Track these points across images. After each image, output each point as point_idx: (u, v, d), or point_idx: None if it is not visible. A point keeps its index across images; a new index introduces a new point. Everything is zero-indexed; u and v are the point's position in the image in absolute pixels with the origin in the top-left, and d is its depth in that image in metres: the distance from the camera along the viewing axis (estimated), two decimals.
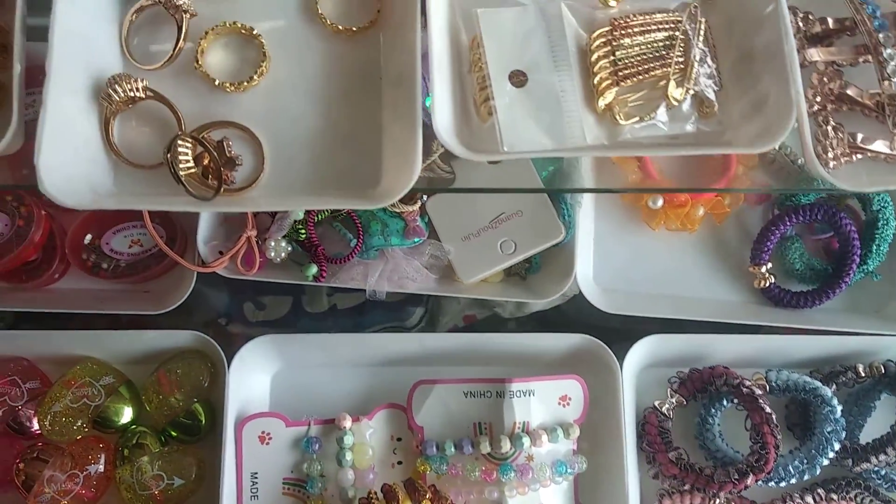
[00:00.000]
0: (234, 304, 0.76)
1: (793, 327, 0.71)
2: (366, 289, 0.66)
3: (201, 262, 0.64)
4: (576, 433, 0.63)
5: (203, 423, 0.66)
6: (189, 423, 0.66)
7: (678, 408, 0.67)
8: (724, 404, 0.69)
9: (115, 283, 0.70)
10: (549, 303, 0.72)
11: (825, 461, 0.64)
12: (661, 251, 0.73)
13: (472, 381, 0.66)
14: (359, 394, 0.70)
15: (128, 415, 0.66)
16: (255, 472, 0.63)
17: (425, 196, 0.65)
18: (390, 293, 0.67)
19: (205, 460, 0.65)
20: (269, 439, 0.64)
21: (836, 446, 0.64)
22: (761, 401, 0.65)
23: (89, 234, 0.69)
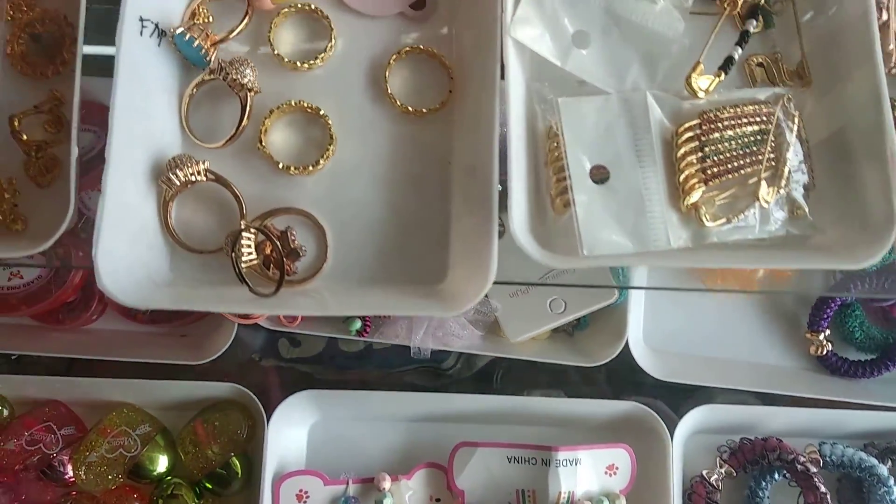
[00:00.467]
0: (269, 340, 0.74)
1: (850, 402, 0.69)
2: (410, 346, 0.65)
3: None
4: None
5: (239, 476, 0.65)
6: (225, 475, 0.65)
7: (727, 478, 0.66)
8: (775, 478, 0.67)
9: (153, 326, 0.69)
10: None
11: None
12: (715, 311, 0.70)
13: (516, 447, 0.64)
14: (397, 449, 0.68)
15: (163, 464, 0.65)
16: None
17: None
18: None
19: None
20: (307, 497, 0.63)
21: None
22: (816, 479, 0.63)
23: None
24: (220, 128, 0.52)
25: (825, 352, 0.70)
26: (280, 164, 0.51)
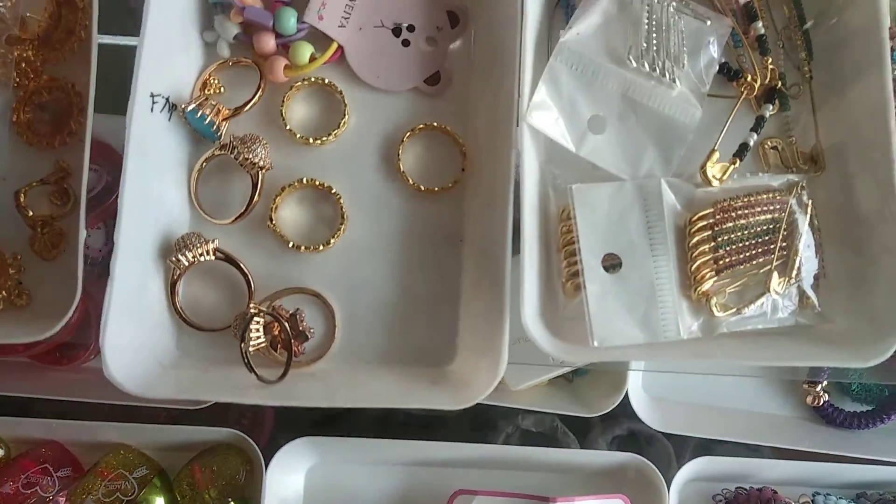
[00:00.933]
0: None
1: (845, 456, 0.70)
2: None
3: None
4: None
5: None
6: None
7: None
8: None
9: None
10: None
11: None
12: None
13: (514, 496, 0.64)
14: (395, 495, 0.68)
15: None
16: None
17: None
18: None
19: None
20: None
21: None
22: None
23: None
24: (229, 201, 0.52)
25: (822, 402, 0.70)
26: (290, 244, 0.50)
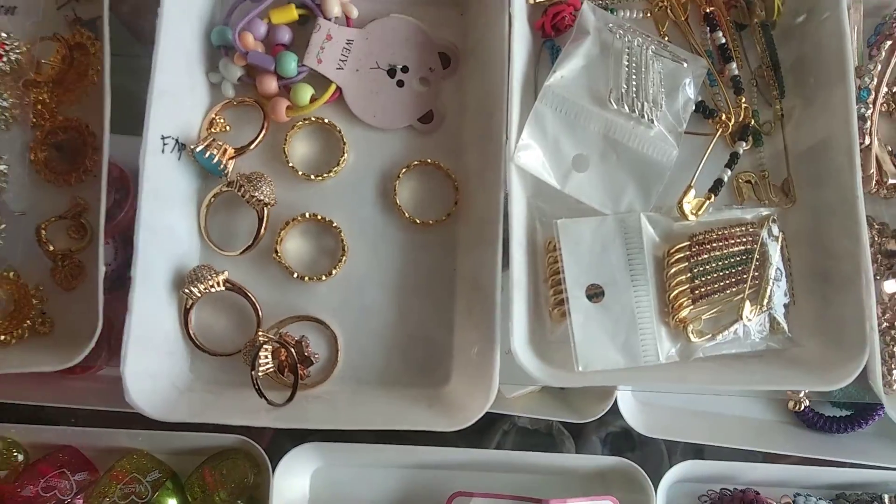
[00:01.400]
0: None
1: (825, 459, 0.73)
2: None
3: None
4: None
5: None
6: None
7: None
8: None
9: None
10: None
11: None
12: None
13: (509, 497, 0.67)
14: (395, 497, 0.71)
15: None
16: None
17: None
18: None
19: None
20: None
21: None
22: None
23: None
24: (237, 234, 0.55)
25: (803, 407, 0.74)
26: (295, 274, 0.54)
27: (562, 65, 0.52)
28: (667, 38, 0.56)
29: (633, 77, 0.52)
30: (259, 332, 0.52)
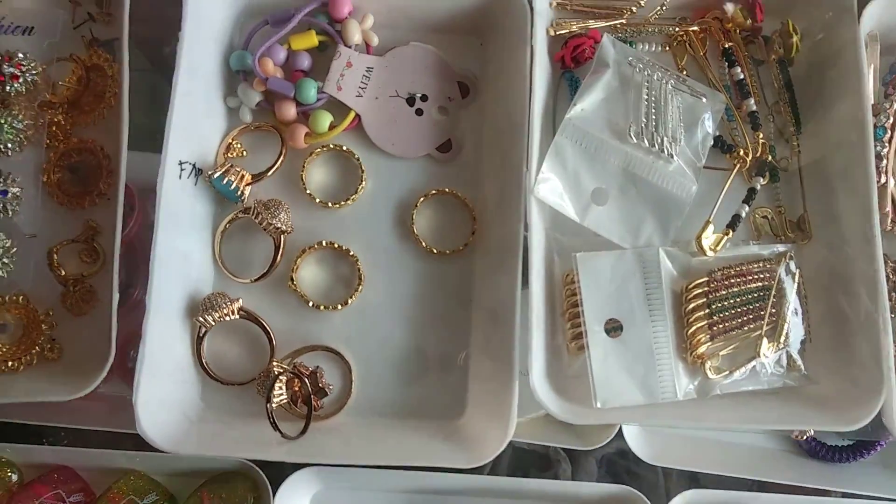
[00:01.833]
0: None
1: (827, 490, 0.73)
2: None
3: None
4: None
5: None
6: None
7: None
8: None
9: None
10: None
11: None
12: None
13: None
14: None
15: None
16: None
17: None
18: None
19: None
20: None
21: None
22: None
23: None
24: (252, 260, 0.54)
25: (805, 437, 0.74)
26: (310, 303, 0.53)
27: (582, 97, 0.52)
28: (685, 73, 0.56)
29: (653, 111, 0.52)
30: (274, 363, 0.51)
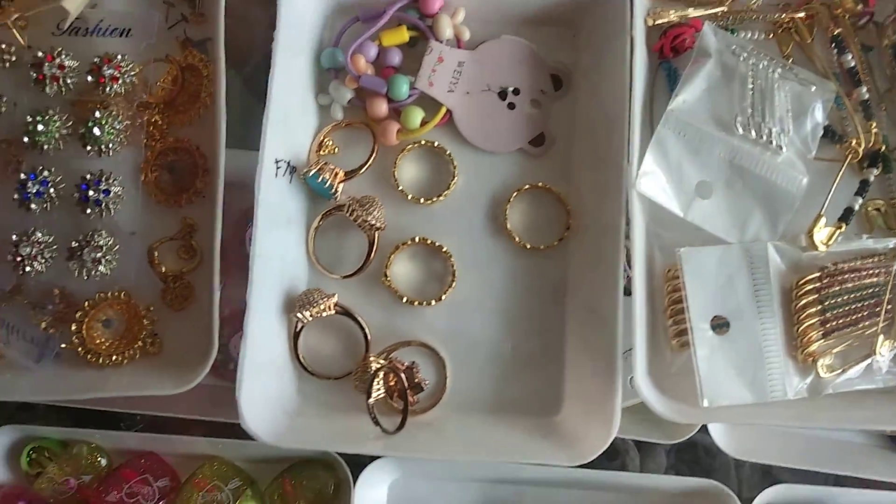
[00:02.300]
0: None
1: None
2: None
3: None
4: None
5: None
6: None
7: None
8: None
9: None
10: None
11: None
12: None
13: None
14: None
15: None
16: None
17: None
18: None
19: None
20: None
21: None
22: None
23: None
24: (345, 256, 0.54)
25: None
26: (404, 298, 0.53)
27: (683, 88, 0.51)
28: (791, 61, 0.54)
29: (759, 101, 0.50)
30: (371, 358, 0.51)
